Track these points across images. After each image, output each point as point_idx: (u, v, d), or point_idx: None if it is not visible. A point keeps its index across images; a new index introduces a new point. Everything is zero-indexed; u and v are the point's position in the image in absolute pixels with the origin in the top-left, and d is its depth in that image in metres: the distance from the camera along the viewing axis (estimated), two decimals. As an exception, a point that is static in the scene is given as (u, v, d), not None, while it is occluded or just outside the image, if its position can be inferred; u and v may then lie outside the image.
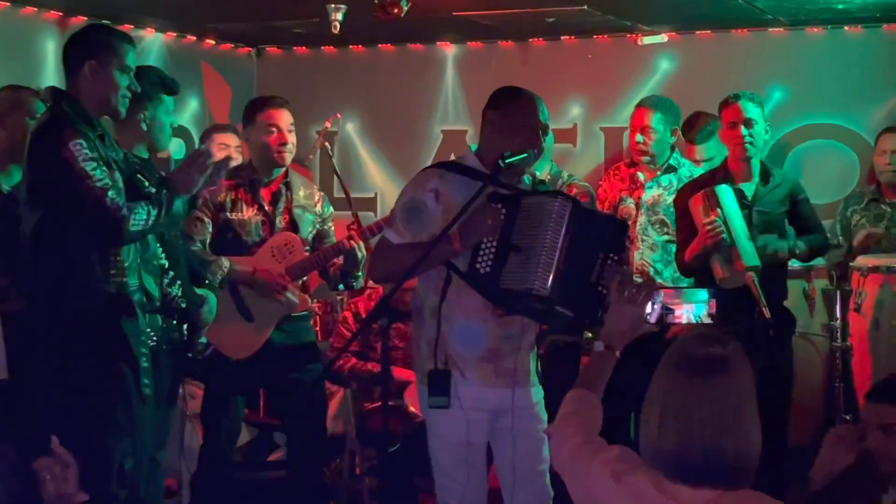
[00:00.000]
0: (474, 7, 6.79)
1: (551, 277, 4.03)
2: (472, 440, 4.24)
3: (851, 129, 7.36)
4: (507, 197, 4.15)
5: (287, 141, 5.46)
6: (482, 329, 4.23)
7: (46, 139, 4.14)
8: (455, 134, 8.39)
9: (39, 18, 7.16)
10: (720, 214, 5.36)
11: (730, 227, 5.35)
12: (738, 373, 2.57)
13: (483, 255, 4.11)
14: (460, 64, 8.42)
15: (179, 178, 4.36)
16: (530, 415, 4.32)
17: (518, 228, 4.10)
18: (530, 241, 4.07)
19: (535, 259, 4.04)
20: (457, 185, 4.19)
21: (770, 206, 5.64)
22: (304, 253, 5.48)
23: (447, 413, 4.20)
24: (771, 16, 7.15)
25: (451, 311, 4.22)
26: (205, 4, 7.24)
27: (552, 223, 4.06)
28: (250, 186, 5.47)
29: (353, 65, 8.68)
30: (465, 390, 4.20)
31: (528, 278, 4.04)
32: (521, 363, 4.30)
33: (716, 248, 5.37)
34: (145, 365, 4.26)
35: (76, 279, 4.13)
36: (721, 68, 7.56)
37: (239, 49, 8.83)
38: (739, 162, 5.66)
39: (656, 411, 2.58)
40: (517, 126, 4.29)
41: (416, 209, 4.19)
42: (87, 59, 4.26)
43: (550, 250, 4.04)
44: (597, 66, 8.00)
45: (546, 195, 4.19)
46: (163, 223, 4.27)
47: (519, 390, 4.28)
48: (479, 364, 4.25)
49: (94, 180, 4.07)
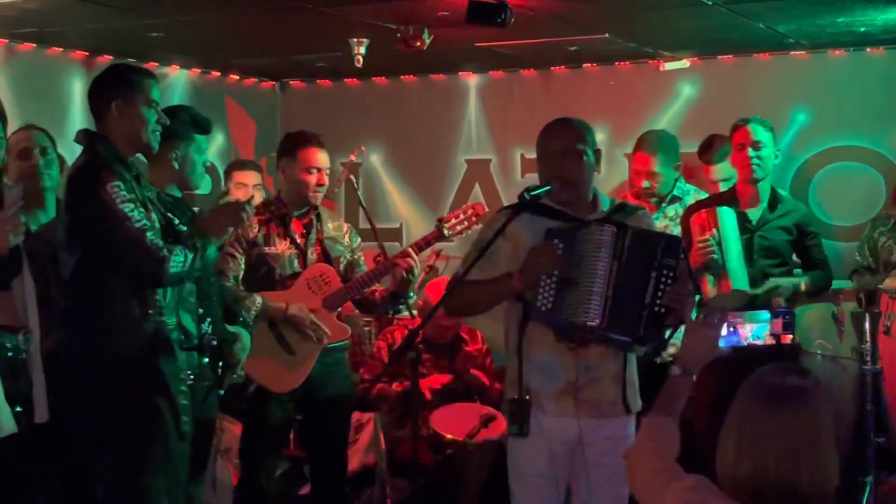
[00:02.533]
0: (496, 37, 6.82)
1: (602, 307, 4.08)
2: (547, 472, 4.27)
3: (876, 151, 7.34)
4: (564, 231, 4.19)
5: (325, 183, 5.51)
6: (558, 362, 4.26)
7: (83, 182, 4.17)
8: (479, 163, 8.42)
9: (66, 59, 7.24)
10: (716, 235, 5.38)
11: (724, 249, 5.35)
12: (816, 405, 2.61)
13: (543, 291, 4.16)
14: (483, 93, 8.46)
15: (212, 226, 4.38)
16: (616, 444, 4.24)
17: (573, 262, 4.14)
18: (582, 272, 4.13)
19: (586, 290, 4.11)
20: (526, 223, 4.23)
21: (774, 234, 5.65)
22: (340, 283, 5.50)
23: (525, 442, 4.26)
24: (793, 39, 7.16)
25: (530, 347, 4.29)
26: (228, 40, 7.31)
27: (599, 252, 4.12)
28: (281, 220, 5.49)
29: (377, 96, 8.73)
30: (545, 421, 4.25)
31: (580, 310, 4.10)
32: (605, 393, 4.29)
33: (706, 267, 5.37)
34: (184, 403, 4.28)
35: (115, 320, 4.16)
36: (743, 92, 7.56)
37: (262, 83, 8.89)
38: (747, 185, 5.68)
39: (733, 439, 2.62)
40: (543, 157, 4.36)
41: (485, 248, 4.23)
42: (114, 98, 4.29)
43: (599, 280, 4.10)
44: (619, 92, 8.02)
45: (596, 224, 4.20)
46: (198, 268, 4.30)
47: (603, 421, 4.28)
48: (559, 396, 4.27)
49: (133, 221, 4.10)
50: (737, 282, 5.33)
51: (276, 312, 5.34)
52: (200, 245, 4.26)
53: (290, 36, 7.08)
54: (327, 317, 5.44)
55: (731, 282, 5.32)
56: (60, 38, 7.00)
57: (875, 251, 6.48)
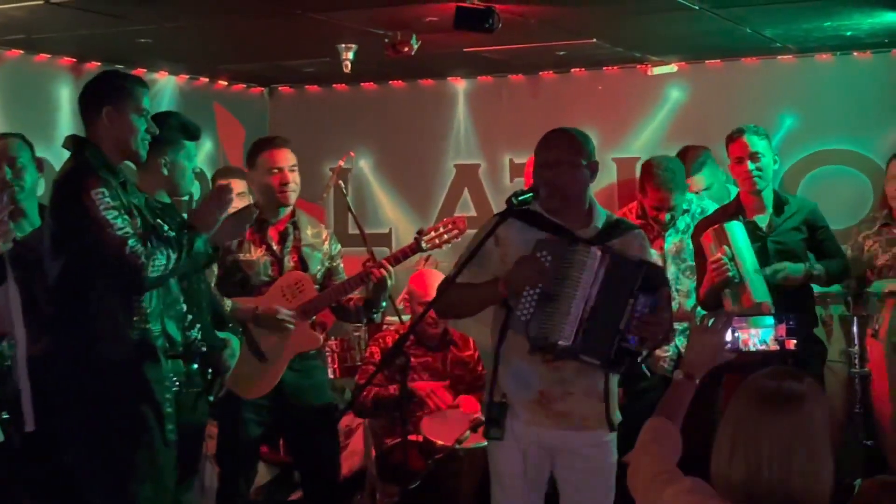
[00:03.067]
0: (484, 43, 6.83)
1: (576, 328, 4.12)
2: (524, 474, 4.31)
3: (863, 154, 7.37)
4: (553, 245, 4.20)
5: (289, 180, 5.47)
6: (533, 372, 4.28)
7: (68, 188, 4.16)
8: (468, 168, 8.43)
9: (53, 65, 7.24)
10: (727, 252, 5.38)
11: (738, 263, 5.35)
12: (812, 408, 2.61)
13: (525, 302, 4.17)
14: (471, 98, 8.47)
15: (199, 216, 4.39)
16: (588, 457, 4.32)
17: (557, 278, 4.16)
18: (563, 291, 4.15)
19: (563, 309, 4.13)
20: (518, 231, 4.25)
21: (786, 236, 5.63)
22: (315, 291, 5.50)
23: (503, 445, 4.30)
24: (780, 44, 7.18)
25: (508, 353, 4.32)
26: (216, 46, 7.31)
27: (582, 274, 4.14)
28: (258, 227, 5.48)
29: (365, 102, 8.73)
30: (518, 427, 4.30)
31: (555, 328, 4.13)
32: (578, 407, 4.31)
33: (724, 284, 5.38)
34: (169, 410, 4.27)
35: (99, 327, 4.15)
36: (731, 97, 7.59)
37: (251, 89, 8.89)
38: (750, 196, 5.67)
39: (728, 441, 2.63)
40: (536, 164, 4.37)
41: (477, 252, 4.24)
42: (104, 105, 4.28)
43: (577, 301, 4.13)
44: (607, 97, 8.04)
45: (584, 245, 4.19)
46: (185, 265, 4.30)
47: (572, 433, 4.31)
48: (531, 406, 4.30)
49: (115, 228, 4.09)
50: (757, 294, 5.33)
51: (246, 312, 5.34)
52: (187, 240, 4.26)
53: (278, 42, 7.08)
54: (300, 325, 5.43)
55: (751, 294, 5.32)
56: (48, 44, 6.99)
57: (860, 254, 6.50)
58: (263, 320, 5.37)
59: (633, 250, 4.31)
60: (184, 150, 4.75)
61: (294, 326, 5.39)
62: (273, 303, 5.39)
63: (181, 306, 4.47)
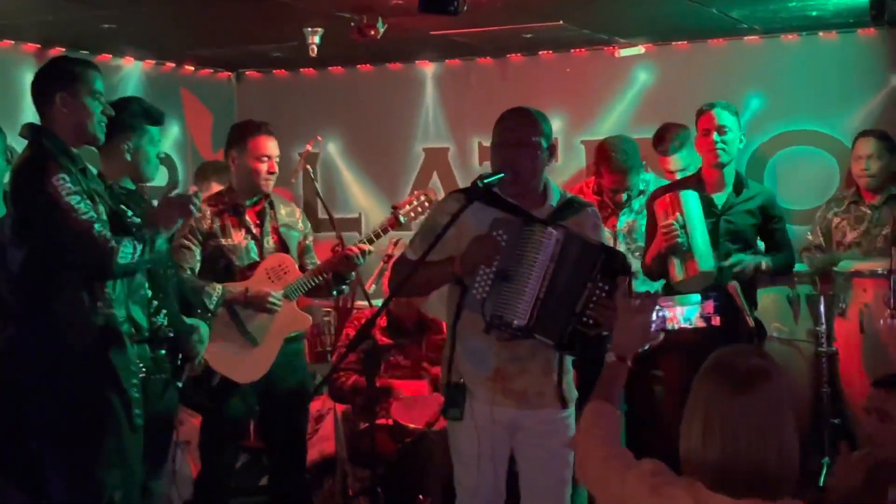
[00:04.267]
0: (451, 25, 6.81)
1: (531, 308, 4.12)
2: (483, 452, 4.32)
3: (829, 135, 7.39)
4: (509, 224, 4.21)
5: (274, 170, 5.52)
6: (488, 350, 4.30)
7: (29, 176, 4.14)
8: (437, 152, 8.42)
9: (17, 51, 7.18)
10: (679, 219, 5.40)
11: (689, 232, 5.37)
12: (780, 383, 2.63)
13: (480, 281, 4.19)
14: (440, 82, 8.46)
15: (160, 217, 4.37)
16: (544, 433, 4.33)
17: (513, 257, 4.16)
18: (519, 270, 4.15)
19: (519, 288, 4.14)
20: (474, 211, 4.22)
21: (739, 218, 5.66)
22: (298, 272, 5.51)
23: (462, 424, 4.32)
24: (746, 25, 7.20)
25: (464, 331, 4.34)
26: (182, 31, 7.26)
27: (539, 254, 4.14)
28: (234, 210, 5.48)
29: (333, 86, 8.70)
30: (476, 406, 4.31)
31: (510, 307, 4.14)
32: (533, 384, 4.32)
33: (671, 250, 5.40)
34: (136, 395, 4.26)
35: (65, 313, 4.14)
36: (698, 78, 7.60)
37: (218, 74, 8.85)
38: (712, 170, 5.69)
39: (699, 424, 2.63)
40: (496, 145, 4.35)
41: (432, 230, 4.26)
42: (57, 91, 4.26)
43: (533, 281, 4.13)
44: (575, 79, 8.04)
45: (541, 226, 4.20)
46: (147, 260, 4.28)
47: (529, 412, 4.33)
48: (486, 384, 4.32)
49: (80, 213, 4.07)
50: (703, 263, 5.35)
51: (237, 295, 5.35)
52: (150, 236, 4.25)
53: (244, 26, 7.04)
54: (288, 306, 5.45)
55: (697, 263, 5.34)
56: (12, 30, 6.93)
57: (828, 231, 6.55)
58: (254, 303, 5.37)
59: (587, 229, 4.33)
60: (147, 135, 4.73)
61: (281, 308, 5.39)
62: (259, 285, 5.39)
63: (145, 291, 4.46)
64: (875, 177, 6.41)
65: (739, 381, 2.61)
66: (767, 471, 2.56)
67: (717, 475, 2.58)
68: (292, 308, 5.50)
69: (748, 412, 2.58)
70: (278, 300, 5.38)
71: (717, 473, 2.58)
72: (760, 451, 2.56)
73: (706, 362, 2.71)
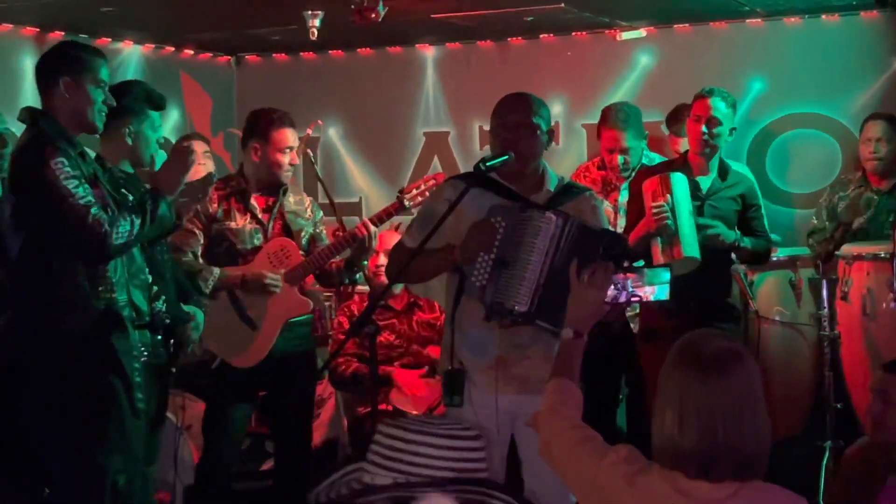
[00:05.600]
0: (452, 9, 6.80)
1: (532, 294, 4.10)
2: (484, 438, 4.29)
3: (832, 118, 7.38)
4: (507, 210, 4.19)
5: (296, 162, 5.51)
6: (489, 337, 4.30)
7: (27, 159, 4.13)
8: (437, 136, 8.40)
9: (16, 35, 7.15)
10: (669, 200, 5.37)
11: (676, 215, 5.34)
12: (750, 364, 2.62)
13: (479, 268, 4.17)
14: (440, 65, 8.43)
15: (162, 178, 4.36)
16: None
17: (512, 243, 4.15)
18: (519, 256, 4.13)
19: (519, 274, 4.12)
20: (472, 197, 4.18)
21: (723, 203, 5.63)
22: (301, 257, 5.48)
23: (461, 411, 4.28)
24: (748, 7, 7.17)
25: (464, 319, 4.32)
26: (182, 15, 7.23)
27: (538, 240, 4.11)
28: (241, 196, 5.46)
29: (333, 70, 8.68)
30: (476, 393, 4.29)
31: (511, 294, 4.12)
32: (535, 370, 4.29)
33: (659, 232, 5.37)
34: (138, 380, 4.26)
35: (65, 297, 4.13)
36: (700, 61, 7.57)
37: (218, 58, 8.82)
38: (697, 155, 5.67)
39: (673, 411, 2.60)
40: (496, 129, 4.34)
41: (430, 217, 4.23)
42: (61, 76, 4.24)
43: (533, 266, 4.11)
44: (576, 63, 8.01)
45: (540, 212, 4.18)
46: (149, 231, 4.27)
47: (530, 397, 4.29)
48: (488, 371, 4.31)
49: (77, 198, 4.06)
50: (688, 248, 5.32)
51: (233, 279, 5.33)
52: (151, 205, 4.23)
53: (244, 9, 7.01)
54: (289, 290, 5.42)
55: (682, 248, 5.32)
56: (11, 14, 6.90)
57: (833, 215, 6.53)
58: (251, 285, 5.35)
59: (586, 214, 4.32)
60: (148, 119, 4.71)
61: (280, 289, 5.37)
62: (260, 269, 5.37)
63: (146, 276, 4.45)
64: (883, 160, 6.38)
65: (710, 366, 2.58)
66: (745, 451, 2.55)
67: (696, 462, 2.56)
68: (293, 293, 5.47)
69: (723, 396, 2.55)
70: (277, 280, 5.35)
71: (697, 460, 2.56)
72: (737, 431, 2.54)
73: (672, 351, 2.68)
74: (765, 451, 2.58)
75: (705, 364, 2.59)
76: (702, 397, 2.57)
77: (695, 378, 2.59)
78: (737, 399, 2.56)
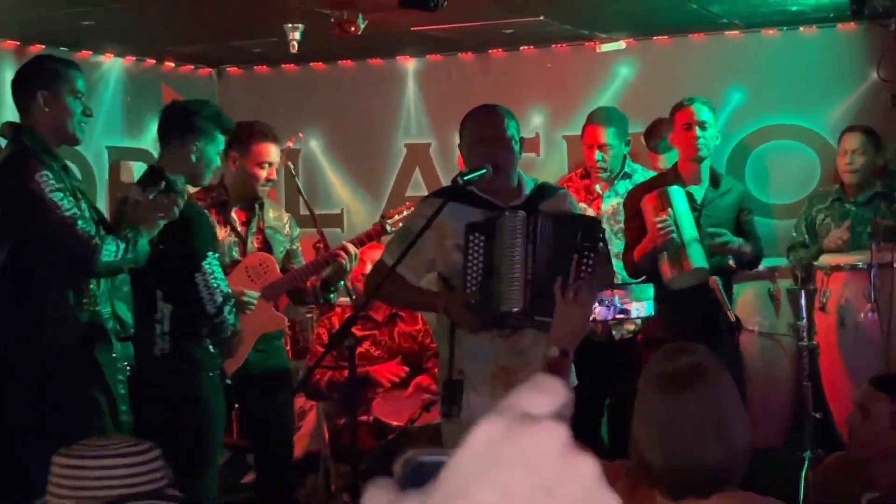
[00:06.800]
0: (432, 21, 6.81)
1: (523, 291, 4.13)
2: None
3: (810, 129, 7.41)
4: (483, 225, 4.22)
5: (274, 178, 5.53)
6: (490, 348, 4.32)
7: (11, 173, 4.14)
8: (419, 147, 8.41)
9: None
10: (671, 214, 5.40)
11: (680, 228, 5.38)
12: (714, 375, 2.60)
13: (469, 284, 4.20)
14: (421, 77, 8.45)
15: (142, 217, 4.37)
16: None
17: (495, 251, 4.18)
18: (503, 260, 4.17)
19: (507, 278, 4.15)
20: (451, 212, 4.22)
21: (719, 211, 5.68)
22: (279, 273, 5.49)
23: (458, 423, 4.29)
24: (726, 20, 7.21)
25: (462, 333, 4.34)
26: (163, 28, 7.24)
27: (515, 238, 4.16)
28: (221, 208, 5.46)
29: (314, 82, 8.68)
30: (476, 401, 4.30)
31: (503, 298, 4.16)
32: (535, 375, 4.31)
33: (664, 247, 5.40)
34: (122, 392, 4.26)
35: (49, 310, 4.13)
36: (680, 73, 7.61)
37: (199, 70, 8.81)
38: (690, 164, 5.70)
39: (643, 430, 2.61)
40: (473, 144, 4.38)
41: (409, 234, 4.25)
42: (39, 89, 4.26)
43: (517, 265, 4.14)
44: (557, 74, 8.04)
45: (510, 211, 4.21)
46: (130, 260, 4.28)
47: None
48: (491, 381, 4.32)
49: (64, 210, 4.08)
50: (696, 259, 5.36)
51: None
52: (132, 236, 4.24)
53: (224, 22, 7.02)
54: (264, 306, 5.42)
55: (690, 260, 5.35)
56: (-9, 27, 6.90)
57: (812, 228, 6.56)
58: None
59: (563, 209, 4.39)
60: (214, 141, 4.74)
61: (255, 307, 5.37)
62: (238, 283, 5.37)
63: (129, 288, 4.46)
64: (859, 171, 6.41)
65: (670, 384, 2.58)
66: (708, 466, 2.53)
67: (664, 479, 2.57)
68: (268, 309, 5.47)
69: (681, 413, 2.55)
70: (253, 299, 5.34)
71: (666, 479, 2.57)
72: (699, 447, 2.53)
73: (644, 369, 2.70)
74: (737, 462, 2.57)
75: (665, 385, 2.59)
76: (663, 416, 2.57)
77: (656, 398, 2.60)
78: (697, 416, 2.54)
